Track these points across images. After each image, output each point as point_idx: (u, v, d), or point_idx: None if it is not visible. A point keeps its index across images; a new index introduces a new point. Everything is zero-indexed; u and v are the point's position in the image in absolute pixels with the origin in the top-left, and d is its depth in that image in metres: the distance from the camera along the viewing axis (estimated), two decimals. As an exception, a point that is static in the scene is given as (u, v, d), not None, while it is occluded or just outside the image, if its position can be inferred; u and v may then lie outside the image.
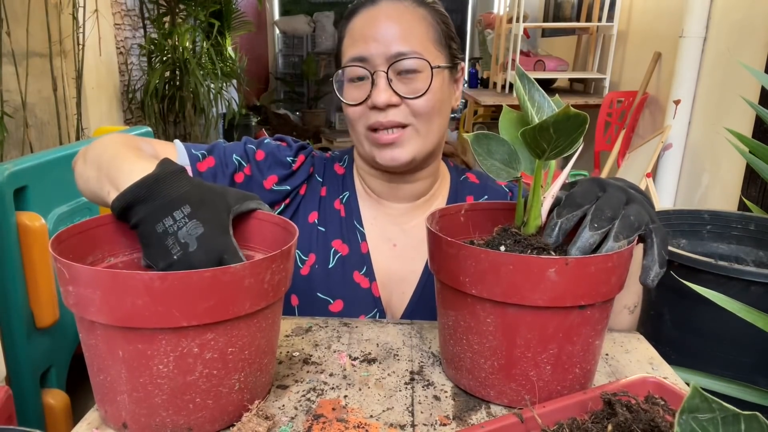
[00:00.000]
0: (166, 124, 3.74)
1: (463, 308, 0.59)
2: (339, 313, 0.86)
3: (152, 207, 0.57)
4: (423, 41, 0.81)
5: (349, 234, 0.89)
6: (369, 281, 0.87)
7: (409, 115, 0.81)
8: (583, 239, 0.56)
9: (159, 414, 0.52)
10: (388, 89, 0.79)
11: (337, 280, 0.87)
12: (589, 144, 3.15)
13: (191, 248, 0.55)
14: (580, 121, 0.53)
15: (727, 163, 2.33)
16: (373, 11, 0.82)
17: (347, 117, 0.84)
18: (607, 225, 0.56)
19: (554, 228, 0.58)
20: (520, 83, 0.62)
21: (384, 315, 0.87)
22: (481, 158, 0.63)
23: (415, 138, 0.82)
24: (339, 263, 0.88)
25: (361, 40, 0.81)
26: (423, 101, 0.80)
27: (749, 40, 2.22)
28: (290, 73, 7.76)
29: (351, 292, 0.86)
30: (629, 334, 0.78)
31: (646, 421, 0.49)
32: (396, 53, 0.79)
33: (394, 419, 0.58)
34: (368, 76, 0.80)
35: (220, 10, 4.12)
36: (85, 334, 0.53)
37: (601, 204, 0.57)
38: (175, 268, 0.55)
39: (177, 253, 0.56)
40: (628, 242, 0.56)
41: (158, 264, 0.57)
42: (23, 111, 2.44)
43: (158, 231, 0.56)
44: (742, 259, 1.39)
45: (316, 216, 0.90)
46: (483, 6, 7.12)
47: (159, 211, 0.57)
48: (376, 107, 0.80)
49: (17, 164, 1.28)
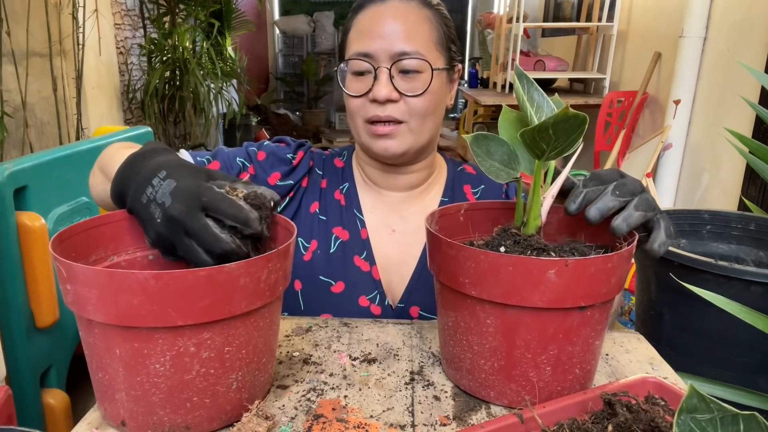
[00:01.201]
0: (166, 124, 3.74)
1: (462, 309, 0.59)
2: (340, 294, 0.88)
3: (136, 182, 0.58)
4: (426, 42, 0.84)
5: (350, 222, 0.92)
6: (369, 265, 0.90)
7: (406, 113, 0.84)
8: (604, 201, 0.60)
9: (156, 412, 0.52)
10: (389, 85, 0.82)
11: (338, 264, 0.90)
12: (589, 144, 3.15)
13: (167, 204, 0.55)
14: (580, 122, 0.53)
15: (727, 163, 2.33)
16: (381, 8, 0.85)
17: (348, 107, 0.88)
18: (628, 197, 0.61)
19: (579, 195, 0.62)
20: (519, 83, 0.62)
21: (384, 297, 0.89)
22: (480, 159, 0.63)
23: (408, 134, 0.85)
24: (340, 248, 0.90)
25: (367, 36, 0.84)
26: (421, 100, 0.83)
27: (749, 40, 2.21)
28: (290, 73, 7.76)
29: (352, 275, 0.89)
30: (629, 334, 0.78)
31: (646, 421, 0.49)
32: (400, 52, 0.82)
33: (394, 419, 0.58)
34: (371, 71, 0.83)
35: (220, 10, 4.12)
36: (84, 332, 0.53)
37: (623, 182, 0.62)
38: (163, 232, 0.55)
39: (159, 216, 0.55)
40: (643, 216, 0.60)
41: (150, 236, 0.57)
42: (23, 111, 2.44)
43: (143, 203, 0.57)
44: (742, 259, 1.38)
45: (317, 206, 0.93)
46: (483, 6, 7.12)
47: (142, 183, 0.58)
48: (376, 101, 0.83)
49: (17, 164, 1.28)
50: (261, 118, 6.25)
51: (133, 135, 1.75)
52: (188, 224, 0.53)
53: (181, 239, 0.54)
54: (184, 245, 0.54)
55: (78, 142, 1.60)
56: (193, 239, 0.54)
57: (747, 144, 1.42)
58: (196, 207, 0.54)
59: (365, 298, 0.88)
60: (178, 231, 0.54)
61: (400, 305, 0.89)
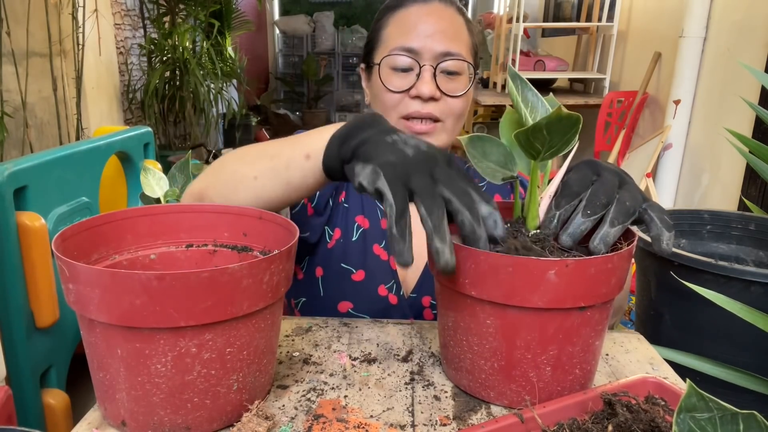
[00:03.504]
0: (166, 124, 3.74)
1: (462, 310, 0.59)
2: (361, 282, 0.89)
3: (379, 129, 0.58)
4: (466, 46, 0.88)
5: (370, 210, 0.93)
6: (388, 254, 0.91)
7: (445, 112, 0.86)
8: (574, 226, 0.57)
9: (157, 413, 0.52)
10: (434, 83, 0.85)
11: (359, 252, 0.91)
12: (589, 144, 3.15)
13: (422, 147, 0.55)
14: (573, 122, 0.53)
15: (727, 163, 2.33)
16: (426, 7, 0.87)
17: (383, 103, 0.88)
18: (600, 211, 0.56)
19: (552, 219, 0.58)
20: (513, 84, 0.62)
21: (400, 287, 0.90)
22: (476, 160, 0.63)
23: (443, 134, 0.88)
24: (361, 237, 0.92)
25: (411, 32, 0.85)
26: (459, 101, 0.86)
27: (749, 40, 2.22)
28: (290, 73, 7.76)
29: (372, 263, 0.90)
30: (629, 334, 0.78)
31: (646, 421, 0.49)
32: (446, 51, 0.84)
33: (395, 419, 0.58)
34: (414, 67, 0.85)
35: (220, 10, 4.12)
36: (86, 331, 0.53)
37: (595, 189, 0.57)
38: (407, 159, 0.54)
39: (410, 151, 0.55)
40: (622, 227, 0.56)
41: (390, 158, 0.54)
42: (23, 111, 2.44)
43: (388, 141, 0.56)
44: (742, 259, 1.38)
45: (344, 195, 0.94)
46: (483, 6, 7.11)
47: (386, 132, 0.58)
48: (419, 97, 0.84)
49: (17, 164, 1.28)
50: (261, 118, 6.25)
51: (133, 135, 1.75)
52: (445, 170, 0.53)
53: (426, 176, 0.52)
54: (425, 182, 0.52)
55: (78, 142, 1.60)
56: (440, 184, 0.52)
57: (747, 144, 1.42)
58: (445, 159, 0.55)
59: (384, 287, 0.89)
60: (429, 167, 0.53)
61: (412, 295, 0.90)
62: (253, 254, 0.67)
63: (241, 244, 0.68)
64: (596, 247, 0.56)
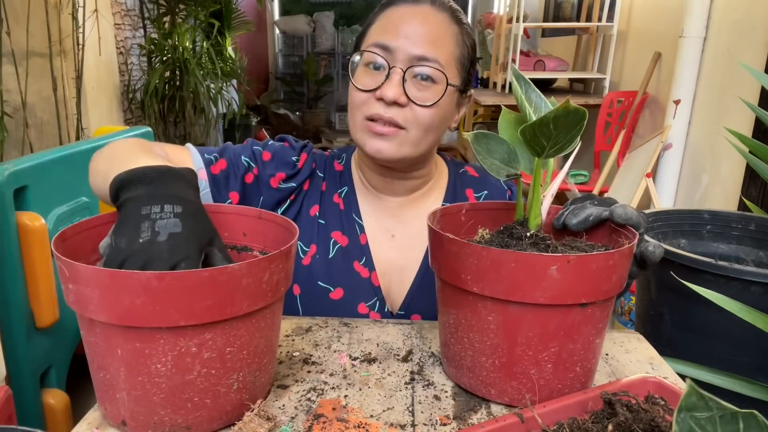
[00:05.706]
0: (166, 124, 3.74)
1: (464, 306, 0.59)
2: (339, 300, 0.87)
3: (151, 191, 0.57)
4: (447, 55, 0.81)
5: (348, 226, 0.91)
6: (369, 271, 0.88)
7: (409, 120, 0.80)
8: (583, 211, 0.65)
9: (157, 412, 0.52)
10: (400, 87, 0.79)
11: (338, 270, 0.88)
12: (589, 144, 3.15)
13: (159, 238, 0.53)
14: (580, 116, 0.53)
15: (727, 163, 2.33)
16: (412, 9, 0.82)
17: (350, 100, 0.85)
18: (607, 205, 0.65)
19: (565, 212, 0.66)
20: (518, 84, 0.62)
21: (384, 304, 0.88)
22: (482, 156, 0.63)
23: (406, 143, 0.82)
24: (339, 253, 0.89)
25: (392, 31, 0.81)
26: (428, 112, 0.80)
27: (749, 40, 2.21)
28: (290, 73, 7.76)
29: (351, 281, 0.88)
30: (629, 334, 0.78)
31: (646, 421, 0.49)
32: (420, 55, 0.79)
33: (395, 419, 0.58)
34: (385, 67, 0.80)
35: (220, 10, 4.11)
36: (86, 331, 0.53)
37: (605, 197, 0.67)
38: (134, 254, 0.52)
39: (145, 238, 0.53)
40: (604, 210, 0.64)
41: (120, 243, 0.53)
42: (23, 111, 2.44)
43: (142, 213, 0.55)
44: (742, 259, 1.39)
45: (317, 209, 0.91)
46: (483, 6, 7.11)
47: (155, 197, 0.56)
48: (382, 99, 0.80)
49: (17, 164, 1.28)
50: (261, 118, 6.25)
51: (133, 135, 1.75)
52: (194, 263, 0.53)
53: (136, 263, 0.52)
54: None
55: (78, 142, 1.60)
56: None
57: (747, 144, 1.42)
58: (171, 264, 0.52)
59: (364, 305, 0.87)
60: (145, 261, 0.52)
61: (400, 312, 0.88)
62: (252, 254, 0.67)
63: (240, 244, 0.68)
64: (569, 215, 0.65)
